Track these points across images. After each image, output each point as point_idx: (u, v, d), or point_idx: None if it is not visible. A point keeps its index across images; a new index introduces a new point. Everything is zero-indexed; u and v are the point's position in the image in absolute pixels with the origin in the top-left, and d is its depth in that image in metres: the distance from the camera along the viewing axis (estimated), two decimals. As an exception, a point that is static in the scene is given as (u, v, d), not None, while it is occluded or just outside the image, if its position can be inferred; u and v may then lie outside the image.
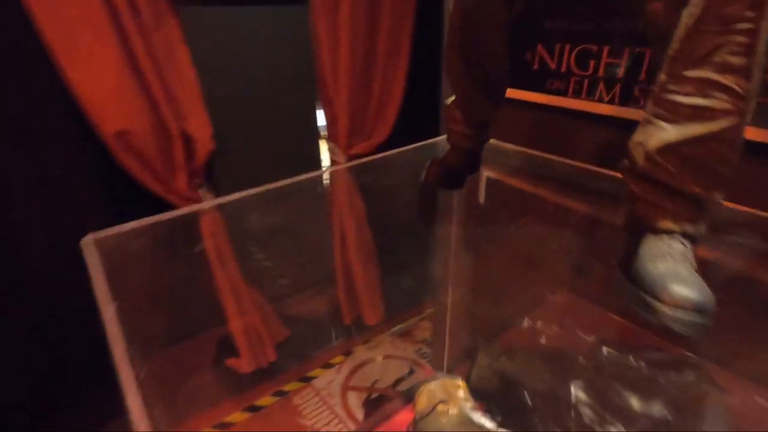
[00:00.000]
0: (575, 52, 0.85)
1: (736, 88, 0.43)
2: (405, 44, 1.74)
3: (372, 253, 2.00)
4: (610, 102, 0.83)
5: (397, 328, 2.17)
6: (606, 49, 0.80)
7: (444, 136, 1.00)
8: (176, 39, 1.21)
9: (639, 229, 0.52)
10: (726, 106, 0.44)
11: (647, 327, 0.76)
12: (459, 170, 0.87)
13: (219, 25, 1.29)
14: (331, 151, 1.77)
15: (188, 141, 1.33)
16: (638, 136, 0.50)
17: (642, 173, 0.50)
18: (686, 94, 0.45)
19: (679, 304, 0.43)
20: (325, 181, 1.88)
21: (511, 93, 1.00)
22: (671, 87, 0.47)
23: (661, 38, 0.51)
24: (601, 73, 0.83)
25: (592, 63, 0.83)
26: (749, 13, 0.40)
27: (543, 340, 0.87)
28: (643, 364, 0.68)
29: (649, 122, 0.49)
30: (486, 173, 1.00)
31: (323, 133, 1.76)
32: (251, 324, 1.67)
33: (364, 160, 0.97)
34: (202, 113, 1.32)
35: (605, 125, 0.85)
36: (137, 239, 0.72)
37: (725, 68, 0.43)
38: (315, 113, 1.62)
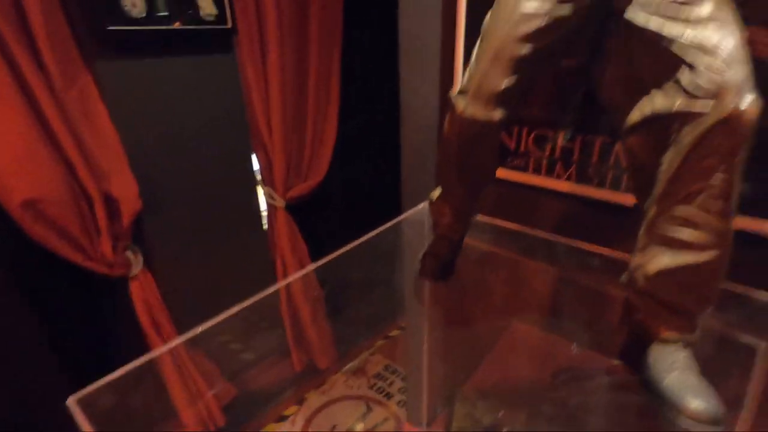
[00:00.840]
0: (532, 135, 0.94)
1: (718, 226, 0.50)
2: (334, 81, 1.77)
3: (319, 292, 1.96)
4: (568, 179, 0.92)
5: (348, 366, 2.13)
6: (561, 134, 0.90)
7: (405, 215, 1.06)
8: (92, 96, 1.11)
9: (641, 333, 0.59)
10: (711, 240, 0.51)
11: (598, 351, 0.84)
12: (451, 259, 0.90)
13: (144, 76, 1.21)
14: (268, 195, 1.72)
15: (111, 202, 1.22)
16: (638, 260, 0.57)
17: (643, 291, 0.57)
18: (676, 230, 0.52)
19: (699, 418, 0.50)
20: (265, 226, 1.82)
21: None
22: (662, 222, 0.53)
23: (637, 167, 0.59)
24: (557, 155, 0.93)
25: (548, 146, 0.93)
26: (723, 166, 0.48)
27: (510, 376, 0.91)
28: (601, 387, 0.74)
29: (645, 248, 0.56)
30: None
31: (259, 177, 1.71)
32: (194, 389, 1.53)
33: (323, 260, 0.96)
34: (126, 171, 1.22)
35: (564, 199, 0.95)
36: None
37: (707, 209, 0.50)
38: (250, 159, 1.57)
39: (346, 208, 2.06)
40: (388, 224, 1.05)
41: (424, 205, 1.12)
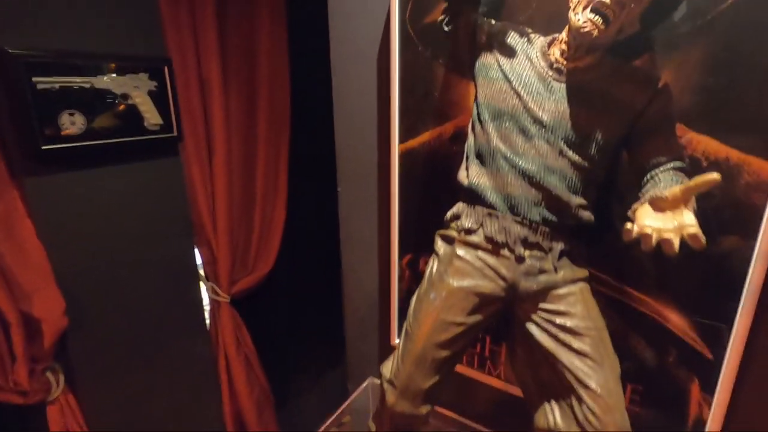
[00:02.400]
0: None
1: None
2: (282, 171, 1.77)
3: (267, 393, 1.85)
4: (497, 377, 1.04)
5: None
6: (488, 338, 1.02)
7: (349, 400, 1.23)
8: (17, 213, 1.04)
9: None
10: None
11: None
12: None
13: (80, 188, 1.14)
14: (210, 290, 1.64)
15: (32, 323, 1.10)
16: None
17: None
18: None
19: None
20: (207, 321, 1.72)
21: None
22: None
23: None
24: (487, 353, 1.04)
25: (479, 345, 1.05)
26: None
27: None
28: None
29: None
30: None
31: (202, 272, 1.63)
32: None
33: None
34: (51, 289, 1.12)
35: (494, 392, 1.06)
36: None
37: None
38: (194, 257, 1.50)
39: (294, 298, 2.01)
40: (336, 414, 1.17)
41: (368, 382, 1.31)
